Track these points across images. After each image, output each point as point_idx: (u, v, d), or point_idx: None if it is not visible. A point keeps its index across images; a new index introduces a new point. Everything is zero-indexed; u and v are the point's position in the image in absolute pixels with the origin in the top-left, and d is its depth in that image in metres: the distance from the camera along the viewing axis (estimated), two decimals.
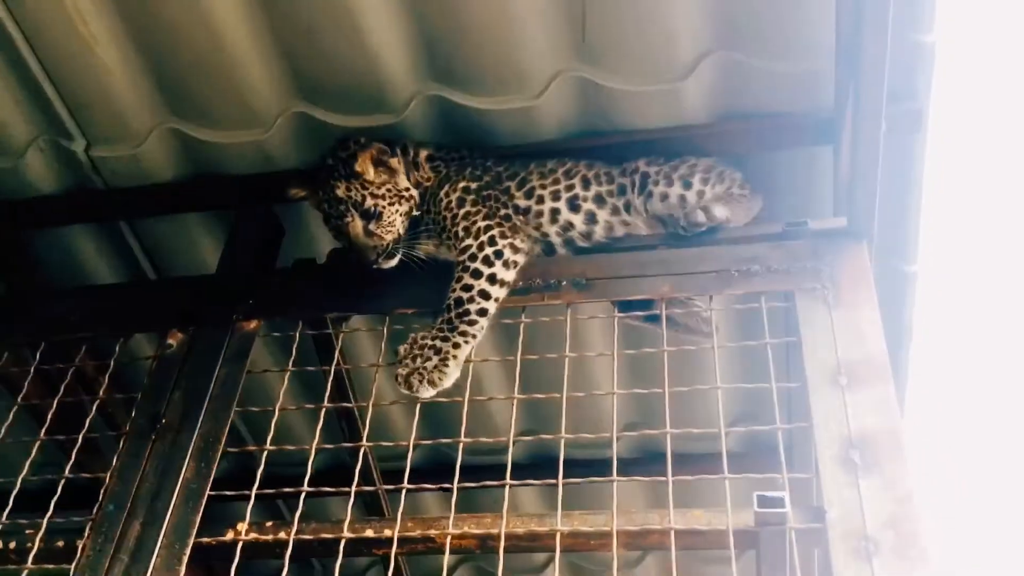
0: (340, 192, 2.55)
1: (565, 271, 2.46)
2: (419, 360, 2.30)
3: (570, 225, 2.58)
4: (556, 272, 2.47)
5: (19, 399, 2.71)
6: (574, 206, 2.59)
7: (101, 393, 2.69)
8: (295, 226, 3.05)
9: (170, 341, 2.57)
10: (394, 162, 2.61)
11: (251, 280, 2.69)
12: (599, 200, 2.61)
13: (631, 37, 2.57)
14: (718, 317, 2.62)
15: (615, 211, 2.61)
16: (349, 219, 2.54)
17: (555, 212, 2.59)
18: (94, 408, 2.63)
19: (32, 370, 2.68)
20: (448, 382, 2.27)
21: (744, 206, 2.55)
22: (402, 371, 2.30)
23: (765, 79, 2.60)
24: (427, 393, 2.26)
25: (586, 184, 2.62)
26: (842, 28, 2.30)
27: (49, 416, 2.57)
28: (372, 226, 2.52)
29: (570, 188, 2.61)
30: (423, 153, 2.72)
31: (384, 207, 2.54)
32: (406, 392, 2.28)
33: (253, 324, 2.56)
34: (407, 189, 2.61)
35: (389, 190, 2.57)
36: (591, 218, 2.59)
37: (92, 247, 3.27)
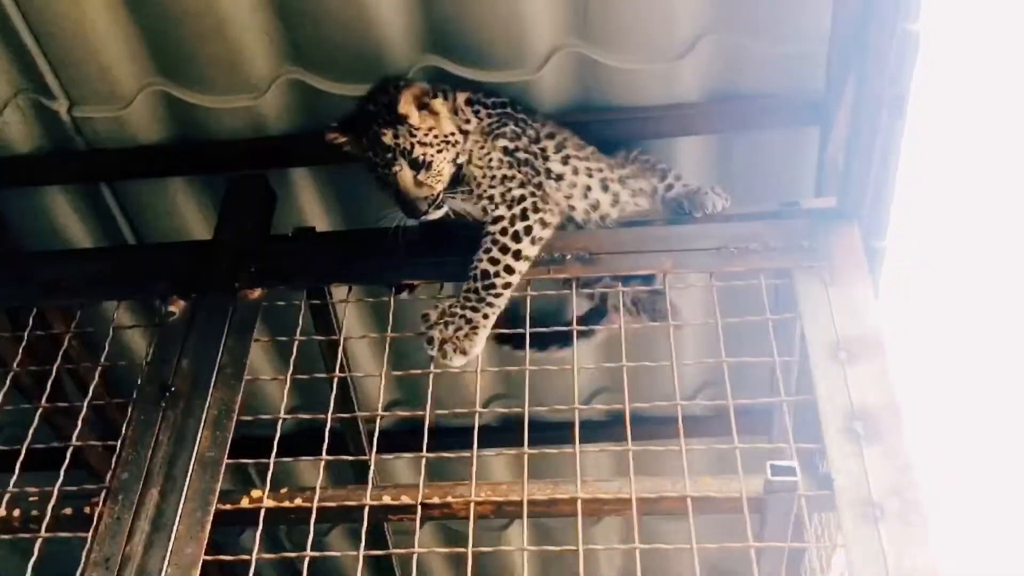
0: (387, 139, 2.42)
1: (569, 245, 2.53)
2: (451, 328, 2.33)
3: (597, 204, 2.65)
4: (560, 246, 2.53)
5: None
6: (604, 186, 2.66)
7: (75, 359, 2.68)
8: (282, 195, 3.05)
9: (172, 308, 2.56)
10: (437, 104, 2.50)
11: (252, 248, 2.68)
12: (623, 181, 2.71)
13: (631, 15, 2.63)
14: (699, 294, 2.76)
15: (634, 193, 2.71)
16: (398, 168, 2.42)
17: (587, 189, 2.65)
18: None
19: (26, 336, 2.63)
20: (477, 351, 2.32)
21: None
22: (436, 335, 2.32)
23: (758, 61, 2.70)
24: (459, 361, 2.30)
25: (610, 167, 2.70)
26: (842, 14, 2.42)
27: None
28: (422, 176, 2.44)
29: (600, 169, 2.68)
30: (461, 97, 2.62)
31: (433, 155, 2.44)
32: (439, 359, 2.31)
33: (257, 293, 2.57)
34: (452, 134, 2.51)
35: (436, 136, 2.47)
36: (615, 199, 2.67)
37: (68, 209, 3.20)
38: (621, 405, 2.27)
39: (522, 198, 2.46)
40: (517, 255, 2.42)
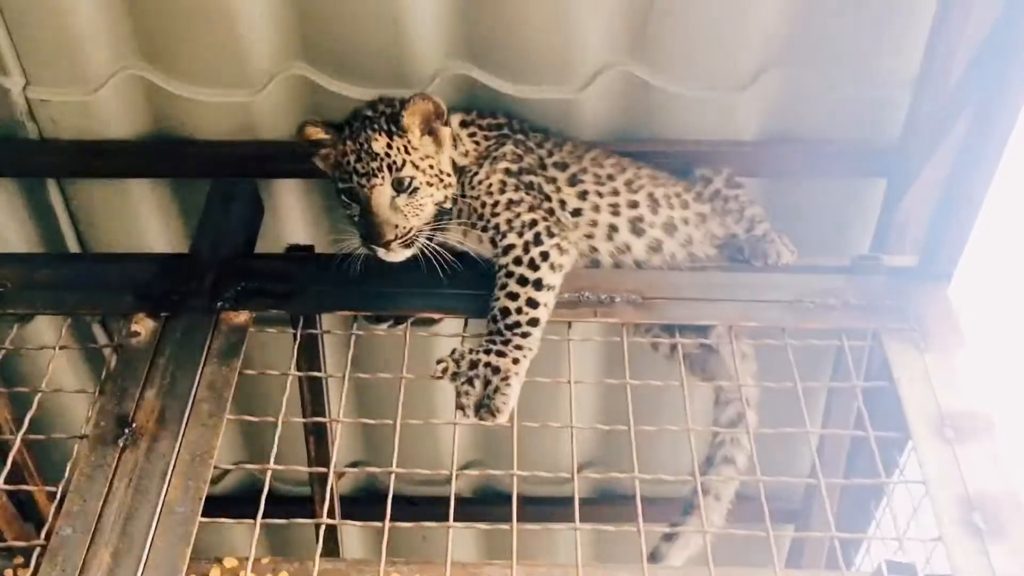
0: (377, 146, 2.09)
1: (618, 286, 2.19)
2: (478, 384, 1.94)
3: (627, 248, 2.28)
4: (607, 286, 2.18)
5: None
6: (637, 229, 2.28)
7: None
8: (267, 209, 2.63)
9: (136, 328, 2.11)
10: (444, 133, 2.18)
11: (238, 264, 2.26)
12: (669, 228, 2.32)
13: (696, 36, 2.34)
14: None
15: (687, 242, 2.33)
16: (378, 181, 2.07)
17: (612, 229, 2.28)
18: None
19: None
20: (513, 404, 1.94)
21: None
22: (465, 400, 1.93)
23: (826, 101, 2.44)
24: (500, 420, 1.91)
25: (654, 205, 2.32)
26: (940, 64, 2.17)
27: None
28: (401, 200, 2.09)
29: (633, 206, 2.30)
30: (455, 120, 2.30)
31: (421, 184, 2.11)
32: (473, 421, 1.92)
33: (243, 317, 2.14)
34: (448, 174, 2.19)
35: (431, 167, 2.15)
36: (656, 247, 2.29)
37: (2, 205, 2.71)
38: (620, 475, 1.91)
39: (533, 222, 2.13)
40: (538, 285, 2.06)
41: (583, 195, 2.29)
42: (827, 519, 1.82)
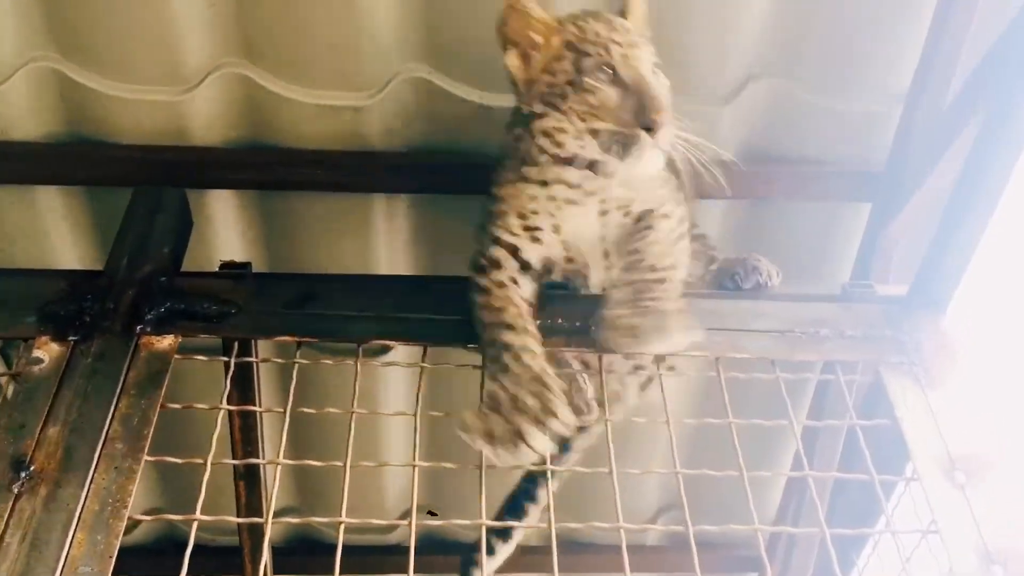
0: (629, 23, 1.79)
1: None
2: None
3: None
4: (583, 314, 1.95)
5: None
6: None
7: None
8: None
9: (38, 354, 1.81)
10: None
11: (162, 283, 1.98)
12: None
13: (684, 40, 2.15)
14: None
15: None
16: (643, 49, 1.74)
17: None
18: None
19: None
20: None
21: None
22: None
23: (813, 118, 2.28)
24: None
25: None
26: (938, 77, 2.04)
27: None
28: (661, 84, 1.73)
29: None
30: None
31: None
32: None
33: (167, 342, 1.86)
34: None
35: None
36: None
37: None
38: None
39: None
40: None
41: None
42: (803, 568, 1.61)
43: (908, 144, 2.18)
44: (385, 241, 2.42)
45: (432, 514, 2.63)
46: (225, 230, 2.42)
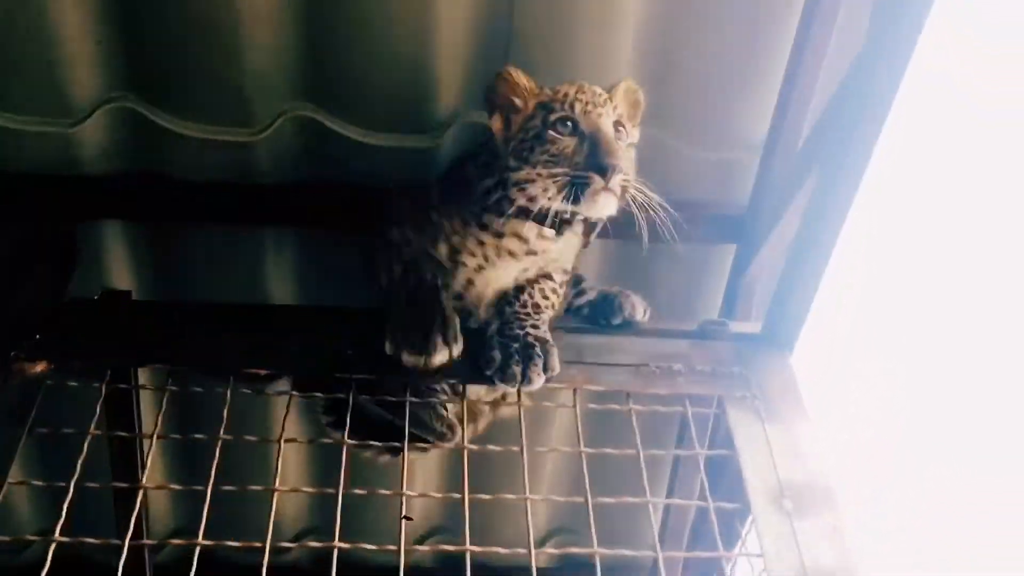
0: (599, 89, 1.97)
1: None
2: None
3: None
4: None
5: None
6: None
7: None
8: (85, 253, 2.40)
9: None
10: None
11: (40, 310, 2.04)
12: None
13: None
14: None
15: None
16: (604, 110, 1.92)
17: None
18: None
19: None
20: None
21: None
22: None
23: (680, 163, 2.41)
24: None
25: None
26: (792, 121, 2.19)
27: None
28: (620, 137, 1.93)
29: None
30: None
31: (630, 141, 2.00)
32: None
33: (40, 367, 1.92)
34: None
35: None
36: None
37: None
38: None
39: None
40: None
41: None
42: None
43: (764, 189, 2.32)
44: (273, 272, 2.50)
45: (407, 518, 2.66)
46: (115, 260, 2.47)
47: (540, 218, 1.93)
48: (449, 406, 2.12)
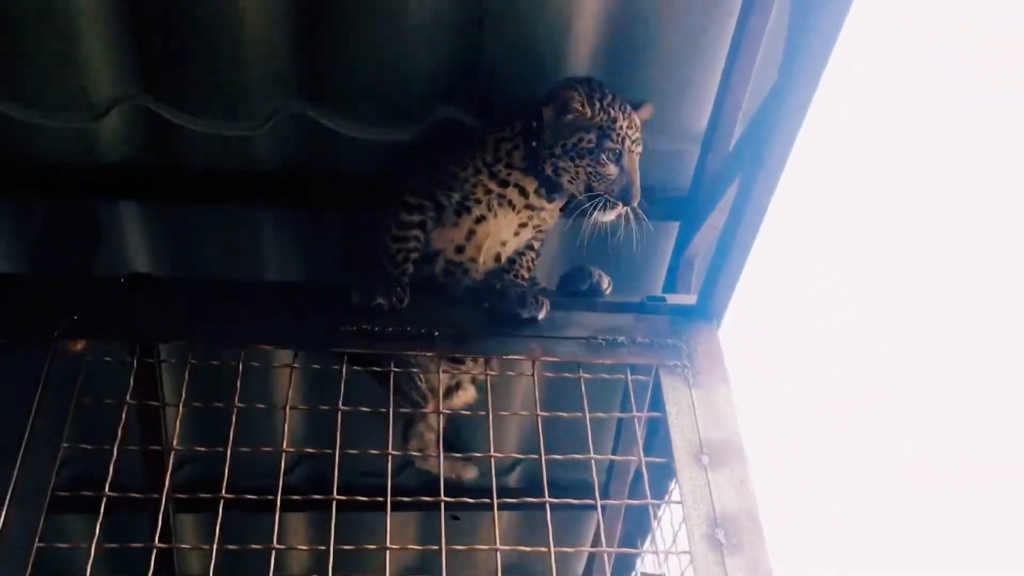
0: (637, 119, 2.42)
1: (439, 320, 2.42)
2: None
3: None
4: (429, 320, 2.41)
5: None
6: None
7: None
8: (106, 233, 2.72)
9: None
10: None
11: (75, 291, 2.37)
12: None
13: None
14: None
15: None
16: (639, 148, 2.41)
17: None
18: None
19: None
20: None
21: None
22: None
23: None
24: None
25: None
26: (726, 122, 2.50)
27: None
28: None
29: None
30: None
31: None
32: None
33: (80, 345, 2.26)
34: None
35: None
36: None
37: None
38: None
39: None
40: None
41: None
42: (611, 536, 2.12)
43: (701, 179, 2.65)
44: (272, 249, 2.84)
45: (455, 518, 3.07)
46: (132, 238, 2.79)
47: (549, 184, 2.45)
48: (424, 379, 2.50)
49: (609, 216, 2.39)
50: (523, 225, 2.57)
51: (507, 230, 2.56)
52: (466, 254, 2.56)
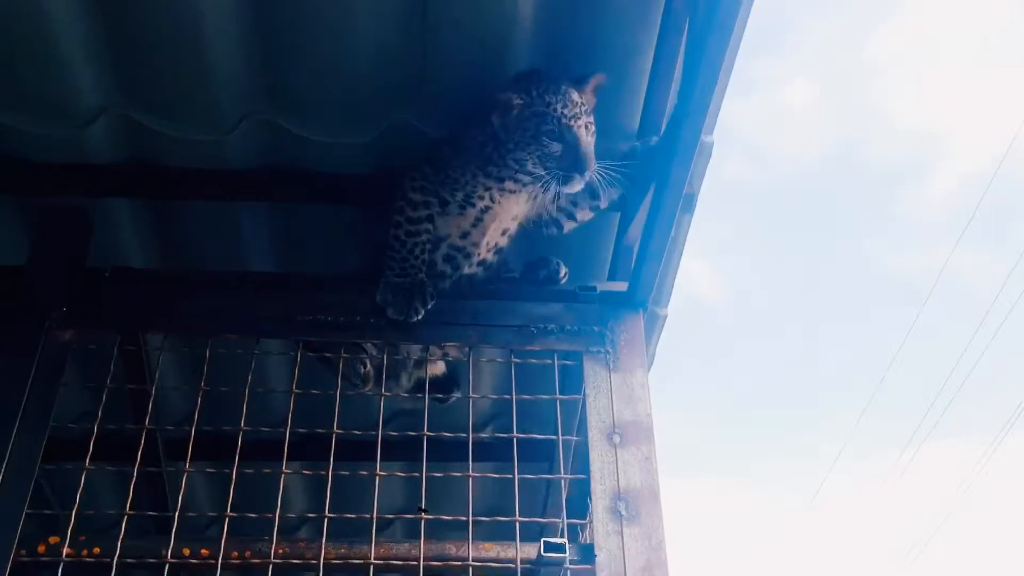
0: (576, 98, 2.57)
1: None
2: None
3: None
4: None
5: None
6: None
7: None
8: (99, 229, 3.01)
9: None
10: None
11: (65, 283, 2.68)
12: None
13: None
14: None
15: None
16: (582, 122, 2.56)
17: None
18: None
19: None
20: None
21: None
22: None
23: None
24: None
25: None
26: (649, 122, 2.70)
27: None
28: (591, 138, 2.59)
29: None
30: None
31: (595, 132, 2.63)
32: None
33: (68, 334, 2.58)
34: None
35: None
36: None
37: None
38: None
39: None
40: None
41: None
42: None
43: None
44: (249, 241, 3.13)
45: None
46: (120, 232, 3.09)
47: (523, 172, 2.65)
48: (368, 363, 2.78)
49: (574, 187, 2.59)
50: (535, 197, 2.79)
51: (509, 216, 2.82)
52: (468, 240, 2.82)
